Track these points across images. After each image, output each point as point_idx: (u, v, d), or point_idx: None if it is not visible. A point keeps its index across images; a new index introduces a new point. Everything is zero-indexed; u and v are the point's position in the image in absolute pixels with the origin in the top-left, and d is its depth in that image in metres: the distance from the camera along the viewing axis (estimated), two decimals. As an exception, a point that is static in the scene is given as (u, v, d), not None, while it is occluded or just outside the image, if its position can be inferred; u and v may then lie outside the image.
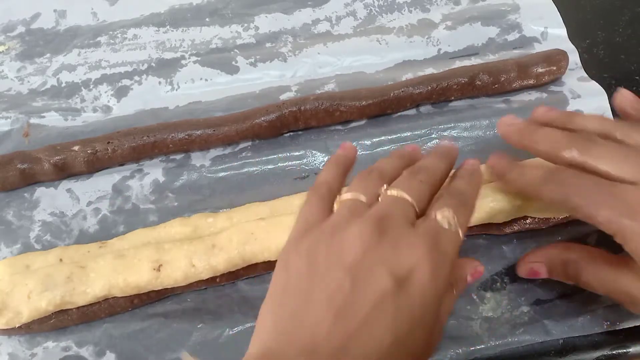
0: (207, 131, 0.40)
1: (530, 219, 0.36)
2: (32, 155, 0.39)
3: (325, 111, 0.41)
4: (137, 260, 0.34)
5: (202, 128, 0.40)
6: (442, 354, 0.33)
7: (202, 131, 0.40)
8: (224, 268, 0.34)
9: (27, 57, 0.47)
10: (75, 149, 0.39)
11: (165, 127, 0.40)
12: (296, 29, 0.48)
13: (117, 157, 0.40)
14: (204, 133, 0.40)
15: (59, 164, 0.39)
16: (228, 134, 0.40)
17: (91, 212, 0.39)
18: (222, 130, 0.40)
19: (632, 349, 0.34)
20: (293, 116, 0.40)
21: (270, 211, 0.36)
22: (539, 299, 0.35)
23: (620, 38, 0.47)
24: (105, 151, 0.40)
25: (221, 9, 0.49)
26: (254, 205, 0.37)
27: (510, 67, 0.42)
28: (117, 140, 0.40)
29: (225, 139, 0.41)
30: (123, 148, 0.40)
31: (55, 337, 0.35)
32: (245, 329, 0.35)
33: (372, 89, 0.42)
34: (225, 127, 0.40)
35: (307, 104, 0.40)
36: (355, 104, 0.41)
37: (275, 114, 0.40)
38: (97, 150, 0.40)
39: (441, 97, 0.42)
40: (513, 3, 0.48)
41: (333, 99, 0.41)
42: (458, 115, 0.42)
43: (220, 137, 0.40)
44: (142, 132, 0.40)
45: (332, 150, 0.41)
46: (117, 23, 0.49)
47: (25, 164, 0.39)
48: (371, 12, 0.49)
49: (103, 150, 0.40)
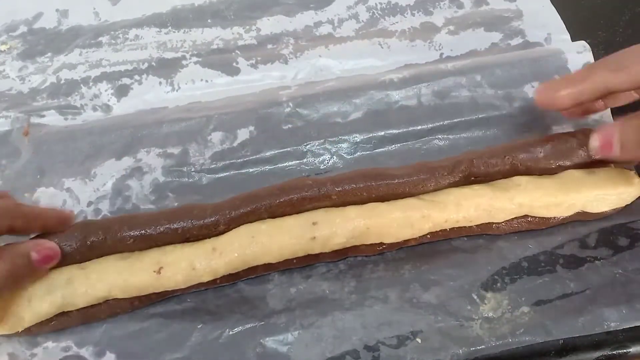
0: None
1: (531, 218, 0.37)
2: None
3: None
4: (138, 262, 0.34)
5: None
6: (443, 354, 0.33)
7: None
8: (224, 271, 0.34)
9: (29, 57, 0.47)
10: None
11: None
12: (298, 31, 0.48)
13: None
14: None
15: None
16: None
17: (92, 212, 0.39)
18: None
19: (632, 349, 0.34)
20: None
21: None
22: (540, 299, 0.35)
23: (620, 38, 0.47)
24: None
25: (223, 10, 0.50)
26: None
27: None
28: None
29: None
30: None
31: (55, 338, 0.35)
32: (245, 329, 0.35)
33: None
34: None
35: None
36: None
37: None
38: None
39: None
40: (516, 9, 0.48)
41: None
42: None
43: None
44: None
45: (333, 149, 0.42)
46: (118, 23, 0.49)
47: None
48: (374, 15, 0.49)
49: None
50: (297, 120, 0.43)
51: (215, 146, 0.42)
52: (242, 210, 0.35)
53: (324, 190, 0.36)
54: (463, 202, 0.35)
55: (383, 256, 0.37)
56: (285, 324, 0.35)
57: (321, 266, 0.37)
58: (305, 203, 0.36)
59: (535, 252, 0.37)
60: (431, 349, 0.34)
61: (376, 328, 0.34)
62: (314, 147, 0.42)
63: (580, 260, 0.36)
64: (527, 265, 0.36)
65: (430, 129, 0.42)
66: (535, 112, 0.43)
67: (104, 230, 0.35)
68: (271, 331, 0.35)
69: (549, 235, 0.37)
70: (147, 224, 0.35)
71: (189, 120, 0.43)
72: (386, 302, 0.35)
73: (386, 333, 0.34)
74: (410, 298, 0.35)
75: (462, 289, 0.36)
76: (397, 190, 0.36)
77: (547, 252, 0.37)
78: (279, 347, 0.34)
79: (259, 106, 0.43)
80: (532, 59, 0.45)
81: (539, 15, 0.48)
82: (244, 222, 0.35)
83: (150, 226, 0.35)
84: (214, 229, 0.35)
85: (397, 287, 0.36)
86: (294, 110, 0.43)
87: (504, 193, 0.36)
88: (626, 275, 0.36)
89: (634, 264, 0.36)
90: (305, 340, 0.34)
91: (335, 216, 0.35)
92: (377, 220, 0.35)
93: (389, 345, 0.34)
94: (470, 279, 0.36)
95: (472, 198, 0.35)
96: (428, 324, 0.34)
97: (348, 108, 0.43)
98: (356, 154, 0.41)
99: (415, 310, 0.35)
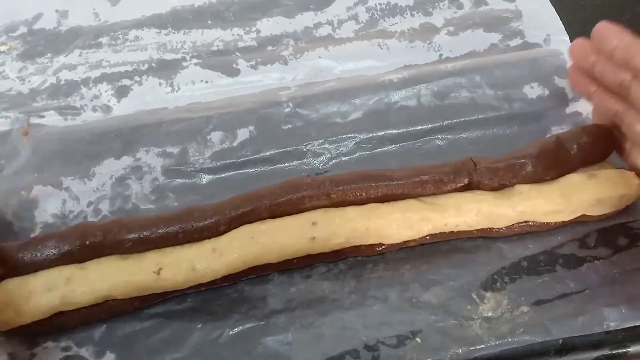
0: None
1: (532, 222, 0.37)
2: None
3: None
4: (137, 263, 0.34)
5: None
6: (442, 353, 0.33)
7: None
8: (224, 271, 0.34)
9: (29, 58, 0.47)
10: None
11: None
12: (298, 32, 0.48)
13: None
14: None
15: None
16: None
17: (92, 212, 0.39)
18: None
19: (632, 348, 0.34)
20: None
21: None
22: (539, 299, 0.35)
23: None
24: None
25: (223, 11, 0.50)
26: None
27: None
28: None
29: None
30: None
31: (55, 337, 0.35)
32: (245, 329, 0.35)
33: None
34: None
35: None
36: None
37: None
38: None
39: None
40: (516, 10, 0.49)
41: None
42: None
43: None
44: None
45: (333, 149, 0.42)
46: (118, 24, 0.49)
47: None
48: (373, 15, 0.49)
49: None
50: (297, 120, 0.43)
51: (215, 146, 0.42)
52: (242, 210, 0.35)
53: (323, 189, 0.36)
54: (463, 207, 0.35)
55: (383, 256, 0.37)
56: (285, 324, 0.35)
57: (321, 266, 0.37)
58: (305, 202, 0.36)
59: (535, 251, 0.37)
60: (431, 349, 0.33)
61: (376, 328, 0.34)
62: (313, 147, 0.42)
63: (580, 260, 0.37)
64: (527, 265, 0.36)
65: (430, 129, 0.42)
66: (534, 113, 0.43)
67: (103, 232, 0.34)
68: (271, 331, 0.35)
69: (549, 235, 0.37)
70: (146, 228, 0.35)
71: (189, 120, 0.43)
72: (386, 302, 0.35)
73: (386, 333, 0.34)
74: (410, 298, 0.35)
75: (462, 288, 0.36)
76: (396, 191, 0.36)
77: (546, 252, 0.37)
78: (279, 347, 0.34)
79: (258, 106, 0.43)
80: (532, 59, 0.45)
81: (538, 15, 0.48)
82: (245, 221, 0.35)
83: (150, 230, 0.35)
84: (214, 230, 0.35)
85: (397, 286, 0.36)
86: (294, 111, 0.43)
87: (506, 200, 0.36)
88: (626, 275, 0.36)
89: (634, 264, 0.36)
90: (305, 340, 0.34)
91: (335, 216, 0.35)
92: (376, 221, 0.35)
93: (388, 345, 0.34)
94: (470, 279, 0.36)
95: (472, 203, 0.36)
96: (428, 324, 0.34)
97: (348, 108, 0.43)
98: (356, 154, 0.42)
99: (415, 310, 0.35)
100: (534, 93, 0.44)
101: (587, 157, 0.37)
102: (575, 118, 0.43)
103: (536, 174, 0.36)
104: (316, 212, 0.35)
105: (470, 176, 0.36)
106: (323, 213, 0.35)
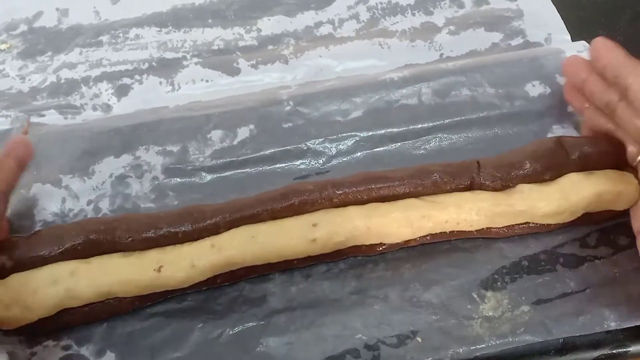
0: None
1: (533, 224, 0.37)
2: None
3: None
4: (138, 260, 0.34)
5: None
6: (443, 353, 0.33)
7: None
8: (224, 267, 0.34)
9: (29, 56, 0.47)
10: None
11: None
12: (298, 32, 0.48)
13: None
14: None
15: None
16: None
17: (91, 211, 0.39)
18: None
19: (632, 348, 0.34)
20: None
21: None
22: (540, 298, 0.35)
23: (621, 37, 0.47)
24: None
25: (223, 10, 0.50)
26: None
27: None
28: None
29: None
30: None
31: (55, 336, 0.35)
32: (245, 328, 0.35)
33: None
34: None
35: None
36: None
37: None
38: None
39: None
40: (517, 9, 0.49)
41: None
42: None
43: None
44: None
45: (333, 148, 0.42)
46: (119, 22, 0.49)
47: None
48: (374, 14, 0.49)
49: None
50: (298, 118, 0.43)
51: (215, 144, 0.42)
52: (243, 214, 0.35)
53: (325, 194, 0.36)
54: (464, 205, 0.35)
55: (383, 256, 0.37)
56: (286, 323, 0.35)
57: (321, 265, 0.37)
58: (307, 207, 0.36)
59: (536, 251, 0.37)
60: (431, 348, 0.33)
61: (376, 327, 0.34)
62: (314, 145, 0.42)
63: (581, 259, 0.37)
64: (528, 264, 0.36)
65: (431, 127, 0.42)
66: (535, 112, 0.43)
67: (104, 230, 0.35)
68: (271, 330, 0.35)
69: (549, 235, 0.37)
70: (147, 228, 0.35)
71: (189, 118, 0.43)
72: (386, 302, 0.35)
73: (386, 332, 0.34)
74: (410, 297, 0.35)
75: (462, 288, 0.36)
76: (398, 192, 0.36)
77: (547, 251, 0.37)
78: (280, 347, 0.34)
79: (259, 105, 0.43)
80: (533, 58, 0.45)
81: (539, 14, 0.48)
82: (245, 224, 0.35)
83: (150, 230, 0.35)
84: (214, 232, 0.35)
85: (397, 286, 0.36)
86: (295, 109, 0.43)
87: (506, 200, 0.35)
88: (626, 274, 0.36)
89: (634, 264, 0.36)
90: (306, 339, 0.34)
91: (336, 216, 0.35)
92: (377, 220, 0.35)
93: (389, 345, 0.34)
94: (470, 278, 0.36)
95: (473, 202, 0.35)
96: (428, 323, 0.34)
97: (348, 106, 0.43)
98: (356, 152, 0.41)
99: (415, 309, 0.35)
100: (535, 91, 0.44)
101: (589, 166, 0.37)
102: (576, 116, 0.43)
103: (536, 174, 0.36)
104: (317, 212, 0.35)
105: (473, 178, 0.36)
106: (323, 213, 0.35)
